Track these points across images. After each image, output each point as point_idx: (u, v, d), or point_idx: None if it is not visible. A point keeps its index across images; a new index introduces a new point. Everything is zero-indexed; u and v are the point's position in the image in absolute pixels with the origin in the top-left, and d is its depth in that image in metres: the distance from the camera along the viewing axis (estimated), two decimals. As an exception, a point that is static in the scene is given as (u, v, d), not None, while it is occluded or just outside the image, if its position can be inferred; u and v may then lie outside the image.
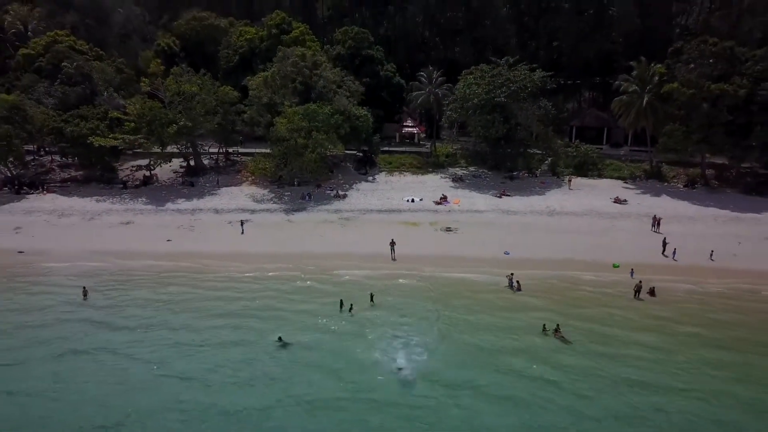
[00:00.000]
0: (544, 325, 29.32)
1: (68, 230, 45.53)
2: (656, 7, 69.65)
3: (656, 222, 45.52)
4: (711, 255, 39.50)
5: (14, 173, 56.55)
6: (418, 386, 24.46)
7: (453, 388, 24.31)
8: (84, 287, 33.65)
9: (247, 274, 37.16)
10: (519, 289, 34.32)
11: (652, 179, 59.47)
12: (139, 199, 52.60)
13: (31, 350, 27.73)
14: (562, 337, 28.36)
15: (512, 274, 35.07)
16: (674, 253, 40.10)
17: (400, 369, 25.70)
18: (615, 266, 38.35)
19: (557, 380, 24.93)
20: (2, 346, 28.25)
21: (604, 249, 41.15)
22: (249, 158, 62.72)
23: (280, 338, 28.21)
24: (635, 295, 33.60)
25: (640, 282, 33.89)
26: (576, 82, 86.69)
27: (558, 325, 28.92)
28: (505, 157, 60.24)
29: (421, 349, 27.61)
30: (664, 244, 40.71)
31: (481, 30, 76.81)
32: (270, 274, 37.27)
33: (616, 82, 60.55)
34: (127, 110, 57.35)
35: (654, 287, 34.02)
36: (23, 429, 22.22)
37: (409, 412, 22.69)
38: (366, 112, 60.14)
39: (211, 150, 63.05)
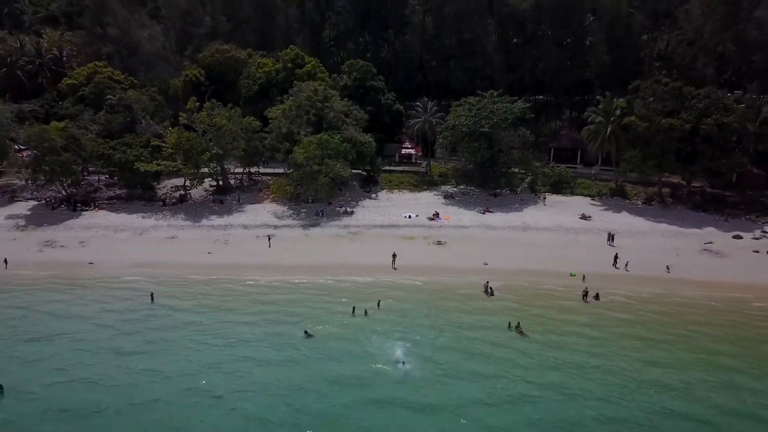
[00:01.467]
0: (509, 323, 38.20)
1: (124, 244, 54.41)
2: (625, 42, 78.37)
3: (611, 237, 54.49)
4: (668, 269, 48.14)
5: (68, 192, 65.43)
6: (415, 374, 32.65)
7: (439, 370, 32.76)
8: (152, 293, 42.47)
9: (278, 278, 46.01)
10: (492, 294, 43.25)
11: (616, 197, 68.36)
12: (179, 216, 61.50)
13: (125, 327, 37.56)
14: (521, 332, 37.19)
15: (488, 282, 44.01)
16: (626, 265, 48.92)
17: (401, 362, 33.63)
18: (572, 275, 47.19)
19: (518, 351, 34.44)
20: (104, 324, 38.07)
21: (565, 260, 49.93)
22: (269, 177, 71.78)
23: (306, 331, 37.05)
24: (583, 298, 42.59)
25: (587, 289, 42.88)
26: (559, 101, 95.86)
27: (519, 323, 37.83)
28: (489, 177, 69.12)
29: (418, 344, 36.11)
30: (616, 258, 49.56)
31: (472, 61, 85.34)
32: (295, 281, 46.05)
33: (585, 113, 69.54)
34: (165, 139, 66.38)
35: (598, 292, 42.91)
36: (139, 375, 31.89)
37: (406, 392, 31.02)
38: (370, 139, 69.04)
39: (236, 170, 71.89)
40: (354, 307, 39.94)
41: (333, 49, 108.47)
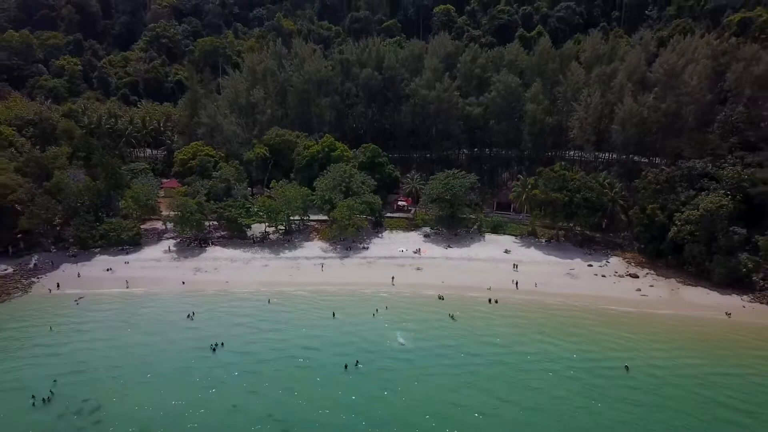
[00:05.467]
0: (449, 313, 74.64)
1: (240, 270, 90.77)
2: (544, 133, 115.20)
3: (515, 266, 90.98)
4: (536, 285, 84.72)
5: (194, 234, 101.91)
6: (408, 347, 68.95)
7: (419, 342, 69.22)
8: (268, 299, 78.88)
9: (329, 290, 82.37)
10: (443, 299, 79.75)
11: (531, 236, 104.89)
12: (265, 251, 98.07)
13: (259, 314, 73.25)
14: (454, 318, 73.78)
15: (439, 293, 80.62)
16: (535, 284, 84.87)
17: (401, 343, 69.60)
18: (488, 289, 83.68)
19: (450, 328, 70.56)
20: (249, 313, 73.52)
21: (488, 280, 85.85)
22: (314, 223, 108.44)
23: (333, 313, 73.44)
24: (489, 302, 79.13)
25: (490, 298, 79.46)
26: (509, 156, 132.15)
27: (454, 314, 74.30)
28: (451, 223, 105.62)
29: (408, 329, 72.40)
30: (517, 283, 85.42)
31: (444, 144, 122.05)
32: (336, 290, 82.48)
33: (512, 184, 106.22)
34: (250, 200, 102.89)
35: (497, 299, 79.36)
36: (276, 333, 67.75)
37: (403, 358, 67.53)
38: (378, 199, 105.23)
39: (294, 218, 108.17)
40: (376, 309, 75.71)
41: (349, 111, 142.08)
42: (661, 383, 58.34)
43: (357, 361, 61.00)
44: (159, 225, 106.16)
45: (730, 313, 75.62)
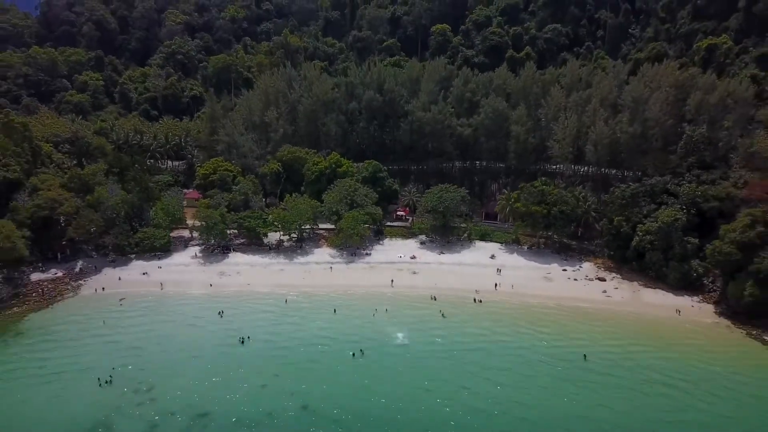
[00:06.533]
0: (440, 311, 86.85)
1: (259, 273, 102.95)
2: (528, 150, 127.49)
3: (498, 270, 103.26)
4: (512, 286, 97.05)
5: (217, 241, 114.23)
6: (406, 342, 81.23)
7: (417, 337, 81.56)
8: (286, 299, 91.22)
9: (337, 291, 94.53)
10: (435, 299, 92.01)
11: (514, 243, 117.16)
12: (281, 256, 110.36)
13: (279, 311, 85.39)
14: (443, 315, 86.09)
15: (432, 294, 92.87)
16: (512, 286, 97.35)
17: (400, 338, 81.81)
18: (477, 291, 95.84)
19: (441, 323, 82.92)
20: (270, 311, 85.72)
21: (474, 282, 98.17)
22: (323, 231, 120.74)
23: (334, 310, 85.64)
24: (474, 301, 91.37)
25: (476, 297, 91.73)
26: (498, 168, 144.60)
27: (444, 311, 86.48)
28: (443, 232, 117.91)
29: (407, 327, 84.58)
30: (496, 285, 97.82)
31: (437, 160, 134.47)
32: (343, 291, 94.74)
33: (499, 196, 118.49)
34: (266, 211, 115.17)
35: (481, 299, 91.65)
36: (295, 326, 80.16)
37: (400, 347, 80.00)
38: (379, 210, 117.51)
39: (305, 227, 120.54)
40: (376, 310, 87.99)
41: (354, 127, 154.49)
42: (613, 364, 71.20)
43: (361, 350, 73.30)
44: (185, 233, 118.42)
45: (680, 311, 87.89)
